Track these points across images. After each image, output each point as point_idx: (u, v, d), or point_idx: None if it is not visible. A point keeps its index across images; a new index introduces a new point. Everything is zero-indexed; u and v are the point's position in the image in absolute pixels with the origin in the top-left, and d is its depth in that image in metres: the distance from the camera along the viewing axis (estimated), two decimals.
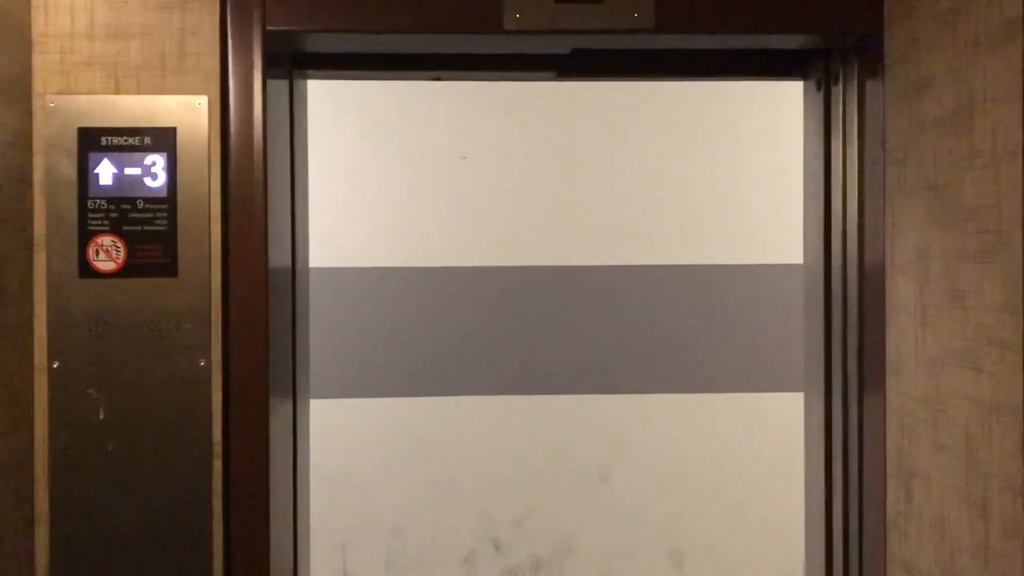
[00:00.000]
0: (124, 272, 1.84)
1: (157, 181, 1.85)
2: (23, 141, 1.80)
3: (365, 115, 2.14)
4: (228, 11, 1.87)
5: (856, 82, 2.02)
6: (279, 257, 2.02)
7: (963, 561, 1.63)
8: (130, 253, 1.84)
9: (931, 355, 1.74)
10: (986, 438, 1.56)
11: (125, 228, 1.84)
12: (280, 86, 2.04)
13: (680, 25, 1.92)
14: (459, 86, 2.27)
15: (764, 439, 3.37)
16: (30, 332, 1.83)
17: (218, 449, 1.86)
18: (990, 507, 1.55)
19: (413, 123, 2.12)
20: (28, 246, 1.82)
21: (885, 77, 1.92)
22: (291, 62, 2.05)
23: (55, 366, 1.84)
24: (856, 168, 2.02)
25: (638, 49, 1.99)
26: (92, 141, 1.84)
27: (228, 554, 1.88)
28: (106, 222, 1.84)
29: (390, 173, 2.35)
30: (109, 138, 1.84)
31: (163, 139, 1.85)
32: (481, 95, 2.44)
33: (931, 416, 1.73)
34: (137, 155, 1.85)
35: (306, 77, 2.12)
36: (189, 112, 1.85)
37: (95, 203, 1.84)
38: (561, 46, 2.01)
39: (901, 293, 1.86)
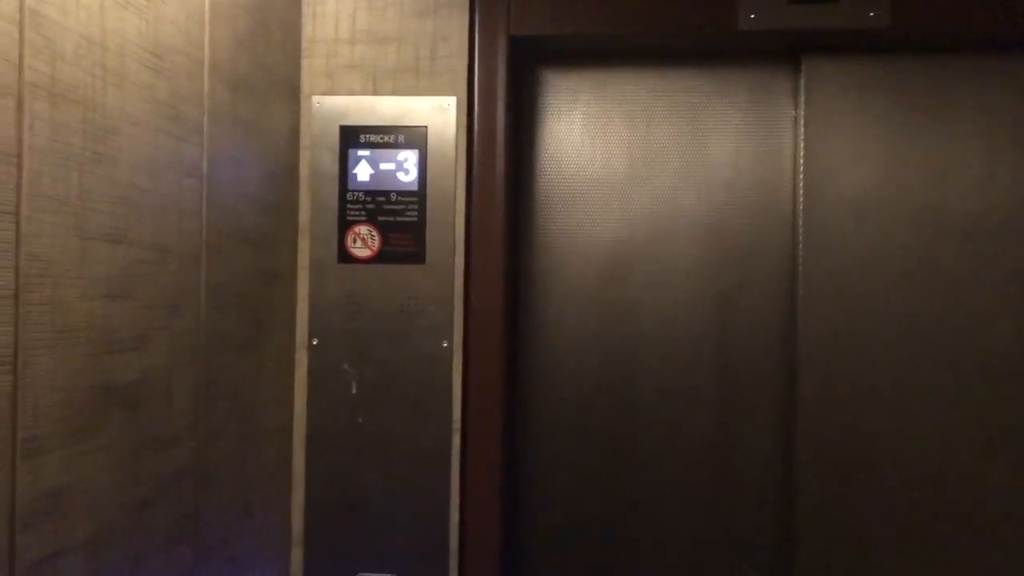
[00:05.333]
0: (377, 259, 2.00)
1: (409, 176, 1.99)
2: (292, 138, 1.98)
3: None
4: (476, 18, 2.00)
5: None
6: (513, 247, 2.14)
7: None
8: (384, 241, 1.99)
9: None
10: None
11: (380, 218, 2.00)
12: (521, 84, 2.15)
13: (916, 25, 1.92)
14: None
15: None
16: (293, 312, 2.00)
17: (457, 425, 1.99)
18: None
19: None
20: (294, 234, 2.00)
21: None
22: (532, 59, 2.15)
23: (314, 343, 2.01)
24: None
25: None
26: (352, 138, 2.01)
27: (463, 525, 2.00)
28: (363, 213, 2.00)
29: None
30: (367, 136, 2.00)
31: (415, 137, 1.99)
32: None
33: None
34: (391, 151, 2.00)
35: (545, 71, 2.21)
36: (439, 112, 1.99)
37: (353, 195, 2.00)
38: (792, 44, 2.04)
39: None
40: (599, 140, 2.15)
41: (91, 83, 1.16)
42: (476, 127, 2.00)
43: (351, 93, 2.01)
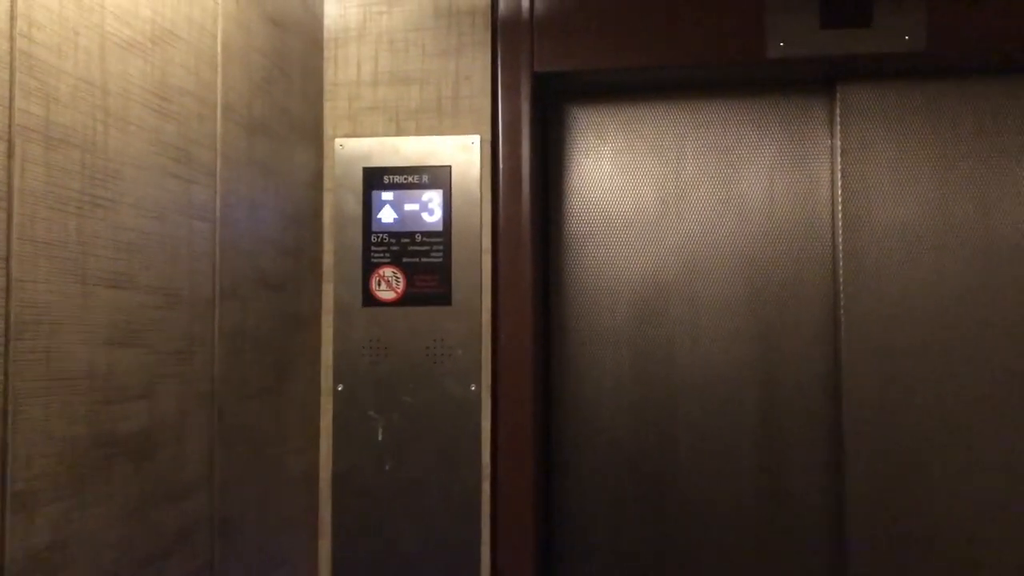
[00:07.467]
0: (403, 301, 1.96)
1: (433, 216, 1.96)
2: (315, 181, 1.96)
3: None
4: (499, 56, 1.97)
5: None
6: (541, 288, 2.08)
7: None
8: (409, 283, 1.96)
9: None
10: None
11: (404, 260, 1.96)
12: (546, 120, 2.11)
13: (953, 49, 1.85)
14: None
15: None
16: (318, 357, 1.97)
17: (487, 471, 1.92)
18: None
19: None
20: (318, 277, 1.97)
21: None
22: (557, 95, 2.11)
23: (339, 389, 1.96)
24: None
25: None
26: (375, 180, 1.98)
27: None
28: (387, 255, 1.97)
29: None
30: (391, 177, 1.98)
31: (439, 177, 1.96)
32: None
33: None
34: (415, 192, 1.97)
35: (570, 107, 2.16)
36: (463, 151, 1.95)
37: (378, 237, 1.97)
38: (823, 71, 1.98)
39: None
40: (628, 176, 2.09)
41: (91, 126, 1.14)
42: (501, 165, 1.96)
43: (374, 135, 1.99)
